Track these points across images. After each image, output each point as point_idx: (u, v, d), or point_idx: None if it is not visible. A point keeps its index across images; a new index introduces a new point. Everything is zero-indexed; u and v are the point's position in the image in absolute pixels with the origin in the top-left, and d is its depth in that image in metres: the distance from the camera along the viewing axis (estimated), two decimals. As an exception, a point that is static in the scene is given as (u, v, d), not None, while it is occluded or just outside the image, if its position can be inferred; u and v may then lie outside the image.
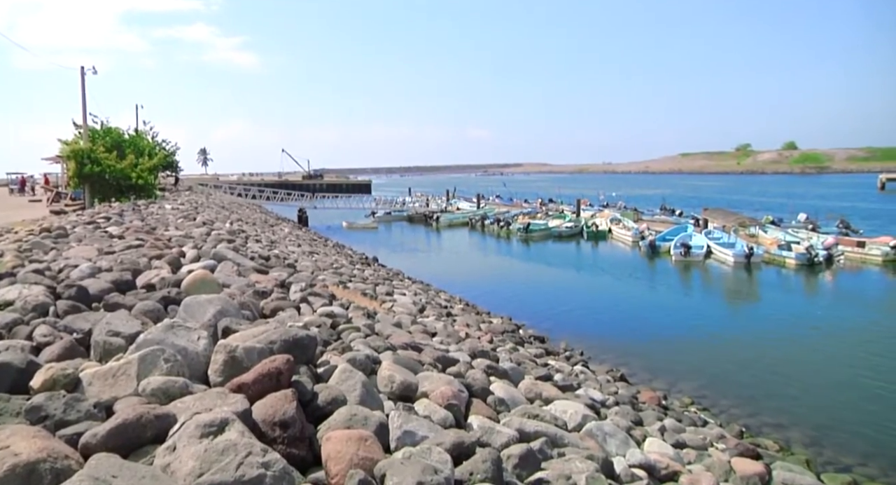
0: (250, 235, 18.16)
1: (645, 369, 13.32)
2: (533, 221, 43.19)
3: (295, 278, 9.71)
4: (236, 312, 5.26)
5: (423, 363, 5.76)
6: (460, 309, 15.78)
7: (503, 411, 5.27)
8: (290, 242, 21.57)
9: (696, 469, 5.89)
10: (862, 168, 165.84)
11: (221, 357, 3.77)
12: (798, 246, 28.54)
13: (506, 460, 3.80)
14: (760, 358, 14.35)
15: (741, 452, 7.54)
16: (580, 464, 4.12)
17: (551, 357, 11.69)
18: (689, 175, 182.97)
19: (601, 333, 16.51)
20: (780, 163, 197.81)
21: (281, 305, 6.73)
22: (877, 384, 12.41)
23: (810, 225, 36.26)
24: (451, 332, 9.66)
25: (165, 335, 3.98)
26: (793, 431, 10.19)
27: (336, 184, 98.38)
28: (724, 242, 30.89)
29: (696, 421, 9.58)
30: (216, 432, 2.70)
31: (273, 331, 4.26)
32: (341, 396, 3.83)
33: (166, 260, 8.02)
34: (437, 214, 51.51)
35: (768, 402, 11.46)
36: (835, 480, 8.17)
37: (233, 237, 14.21)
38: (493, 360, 7.60)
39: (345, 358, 4.71)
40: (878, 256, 27.41)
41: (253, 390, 3.39)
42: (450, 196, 67.05)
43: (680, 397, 11.56)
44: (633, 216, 44.90)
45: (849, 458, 9.15)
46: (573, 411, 5.84)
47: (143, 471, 2.37)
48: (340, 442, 3.15)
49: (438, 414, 4.28)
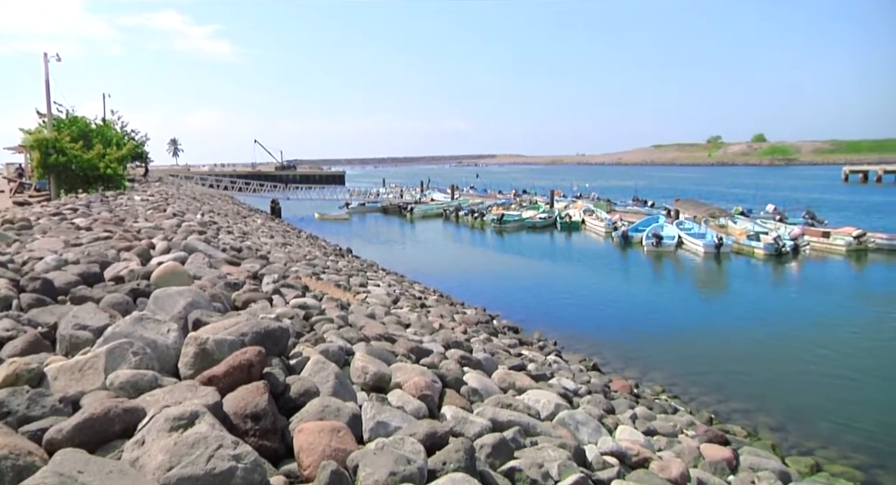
0: (222, 226, 17.94)
1: (617, 359, 13.48)
2: (507, 212, 43.33)
3: (267, 270, 9.62)
4: (207, 305, 5.20)
5: (397, 354, 5.76)
6: (434, 300, 15.79)
7: (476, 401, 5.30)
8: (262, 234, 21.36)
9: (666, 456, 5.99)
10: (827, 160, 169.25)
11: (192, 350, 3.72)
12: (766, 236, 29.06)
13: (479, 450, 3.82)
14: (730, 347, 14.62)
15: (710, 438, 7.70)
16: (553, 452, 4.16)
17: (525, 347, 11.77)
18: (662, 167, 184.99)
19: (574, 323, 16.65)
20: (749, 155, 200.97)
21: (253, 297, 6.66)
22: (840, 371, 12.73)
23: (778, 216, 36.94)
24: (424, 323, 9.67)
25: (134, 328, 3.91)
26: (760, 417, 10.41)
27: (309, 175, 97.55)
28: (694, 232, 31.32)
29: (666, 409, 9.73)
30: (186, 425, 2.67)
31: (245, 323, 4.22)
32: (314, 387, 3.81)
33: (135, 252, 7.88)
34: (411, 206, 51.33)
35: (737, 389, 11.69)
36: (798, 462, 8.38)
37: (204, 229, 14.02)
38: (467, 350, 7.63)
39: (318, 350, 4.69)
40: (842, 246, 28.08)
41: (224, 383, 3.36)
42: (424, 187, 66.90)
43: (651, 386, 11.73)
44: (606, 207, 45.31)
45: (812, 442, 9.40)
46: (546, 400, 5.89)
47: (110, 466, 2.33)
48: (313, 434, 3.14)
49: (412, 405, 4.28)
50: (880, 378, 12.34)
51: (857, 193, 66.22)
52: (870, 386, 11.90)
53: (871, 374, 12.58)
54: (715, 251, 27.74)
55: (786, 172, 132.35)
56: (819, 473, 8.19)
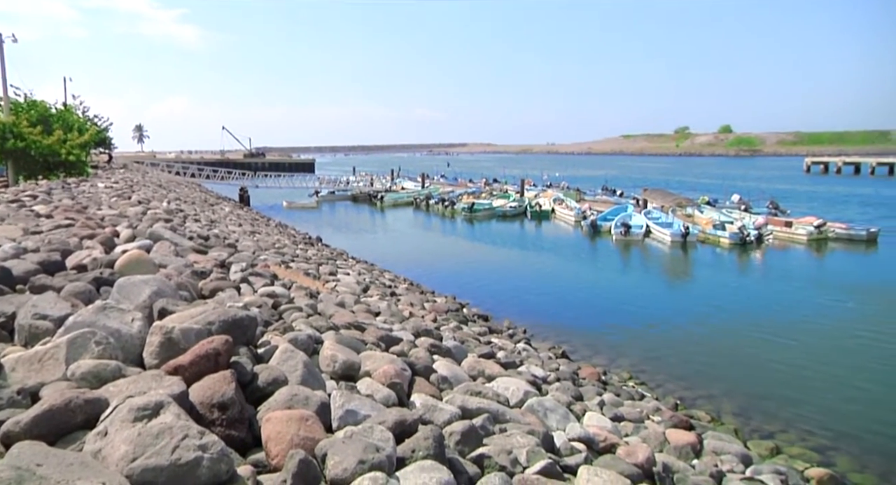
0: (189, 214, 17.64)
1: (586, 346, 13.65)
2: (477, 201, 43.43)
3: (235, 258, 9.49)
4: (173, 293, 5.11)
5: (367, 343, 5.74)
6: (404, 288, 15.77)
7: (446, 389, 5.31)
8: (230, 222, 21.06)
9: (632, 441, 6.08)
10: (790, 151, 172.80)
11: (157, 339, 3.66)
12: (731, 226, 29.62)
13: (448, 437, 3.83)
14: (695, 334, 14.90)
15: (675, 423, 7.85)
16: (521, 439, 4.20)
17: (495, 335, 11.84)
18: (631, 156, 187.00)
19: (544, 312, 16.80)
20: (716, 145, 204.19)
21: (220, 286, 6.57)
22: (798, 357, 13.07)
23: (743, 206, 37.66)
24: (394, 311, 9.66)
25: (97, 317, 3.83)
26: (723, 402, 10.66)
27: (278, 163, 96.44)
28: (662, 221, 31.78)
29: (633, 395, 9.89)
30: (151, 415, 2.63)
31: (211, 312, 4.17)
32: (282, 376, 3.78)
33: (99, 240, 7.71)
34: (381, 194, 51.11)
35: (702, 376, 11.93)
36: (759, 446, 8.63)
37: (170, 217, 13.77)
38: (437, 338, 7.64)
39: (286, 338, 4.65)
40: (804, 236, 28.79)
41: (190, 372, 3.32)
42: (394, 176, 66.68)
43: (619, 373, 11.90)
44: (576, 196, 45.68)
45: (772, 425, 9.67)
46: (515, 387, 5.93)
47: (70, 458, 2.28)
48: (281, 422, 3.11)
49: (381, 393, 4.28)
50: (836, 364, 12.71)
51: (818, 184, 67.84)
52: (826, 372, 12.24)
53: (828, 360, 12.96)
54: (682, 240, 28.21)
55: (751, 162, 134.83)
56: (778, 455, 8.44)
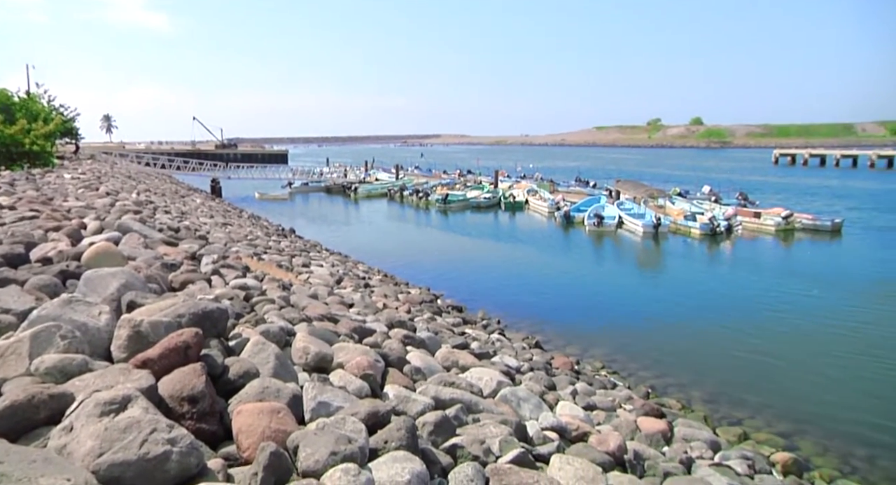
0: (159, 206, 17.36)
1: (559, 336, 13.77)
2: (451, 192, 43.44)
3: (206, 250, 9.39)
4: (142, 286, 5.04)
5: (340, 334, 5.72)
6: (378, 280, 15.74)
7: (419, 380, 5.32)
8: (201, 214, 20.77)
9: (604, 429, 6.16)
10: (759, 143, 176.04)
11: (125, 332, 3.60)
12: (702, 217, 30.08)
13: (421, 428, 3.84)
14: (667, 323, 15.12)
15: (647, 411, 7.97)
16: (494, 429, 4.23)
17: (468, 326, 11.88)
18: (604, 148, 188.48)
19: (518, 302, 16.90)
20: (687, 137, 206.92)
21: (191, 278, 6.49)
22: (765, 345, 13.35)
23: (713, 197, 38.20)
24: (368, 303, 9.64)
25: (62, 311, 3.75)
26: (693, 390, 10.85)
27: (251, 154, 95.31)
28: (634, 212, 32.10)
29: (606, 384, 10.01)
30: (118, 409, 2.58)
31: (182, 304, 4.11)
32: (253, 368, 3.75)
33: (65, 232, 7.55)
34: (355, 185, 50.82)
35: (673, 364, 12.12)
36: (728, 432, 8.83)
37: (140, 208, 13.55)
38: (411, 330, 7.64)
39: (258, 330, 4.61)
40: (772, 226, 29.37)
41: (159, 366, 3.27)
42: (368, 167, 66.35)
43: (592, 362, 12.04)
44: (550, 188, 45.93)
45: (740, 412, 9.88)
46: (488, 377, 5.97)
47: (34, 454, 2.23)
48: (252, 415, 3.09)
49: (354, 384, 4.27)
50: (801, 352, 13.00)
51: (786, 176, 69.20)
52: (791, 359, 12.52)
53: (793, 348, 13.25)
54: (653, 231, 28.55)
55: (721, 154, 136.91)
56: (746, 441, 8.64)
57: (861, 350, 12.92)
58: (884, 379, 11.35)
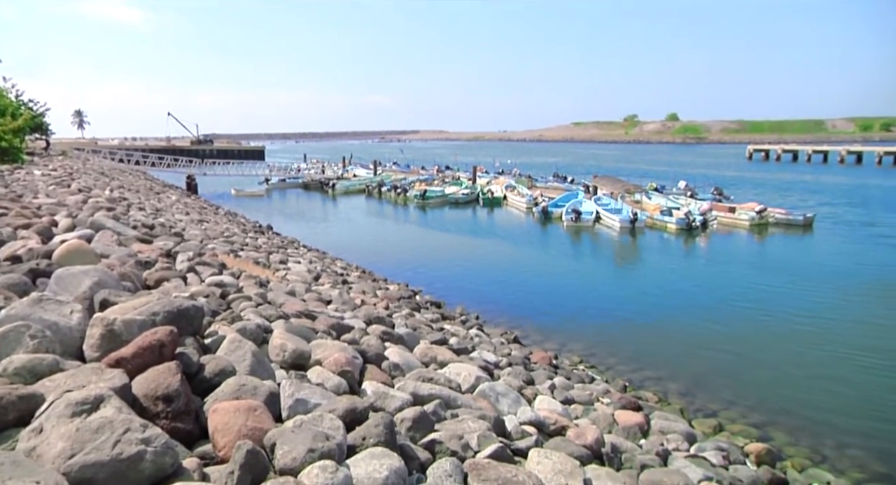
0: (133, 202, 17.11)
1: (538, 331, 13.84)
2: (430, 188, 43.40)
3: (182, 247, 9.27)
4: (116, 284, 4.96)
5: (317, 331, 5.70)
6: (357, 276, 15.68)
7: (398, 376, 5.32)
8: (177, 211, 20.51)
9: (582, 423, 6.22)
10: (734, 139, 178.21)
11: (98, 331, 3.54)
12: (678, 212, 30.40)
13: (399, 424, 3.84)
14: (644, 317, 15.27)
15: (624, 405, 8.06)
16: (472, 424, 4.24)
17: (447, 322, 11.89)
18: (581, 143, 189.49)
19: (497, 298, 16.95)
20: (663, 133, 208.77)
21: (166, 276, 6.40)
22: (739, 338, 13.57)
23: (689, 192, 38.64)
24: (346, 299, 9.60)
25: (32, 310, 3.68)
26: (670, 383, 10.98)
27: (227, 150, 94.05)
28: (611, 208, 32.36)
29: (584, 378, 10.10)
30: (90, 409, 2.54)
31: (156, 302, 4.06)
32: (230, 366, 3.72)
33: (35, 230, 7.41)
34: (333, 182, 50.50)
35: (650, 358, 12.25)
36: (703, 424, 8.96)
37: (113, 205, 13.33)
38: (389, 326, 7.63)
39: (234, 328, 4.57)
40: (746, 221, 29.80)
41: (133, 364, 3.23)
42: (346, 163, 66.03)
43: (570, 357, 12.13)
44: (527, 183, 46.15)
45: (715, 404, 10.03)
46: (467, 373, 5.98)
47: (2, 457, 2.19)
48: (228, 413, 3.06)
49: (332, 381, 4.25)
50: (774, 344, 13.22)
51: (759, 171, 70.17)
52: (765, 352, 12.73)
53: (767, 341, 13.46)
54: (630, 226, 28.80)
55: (697, 149, 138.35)
56: (721, 432, 8.77)
57: (831, 343, 13.17)
58: (852, 371, 11.59)
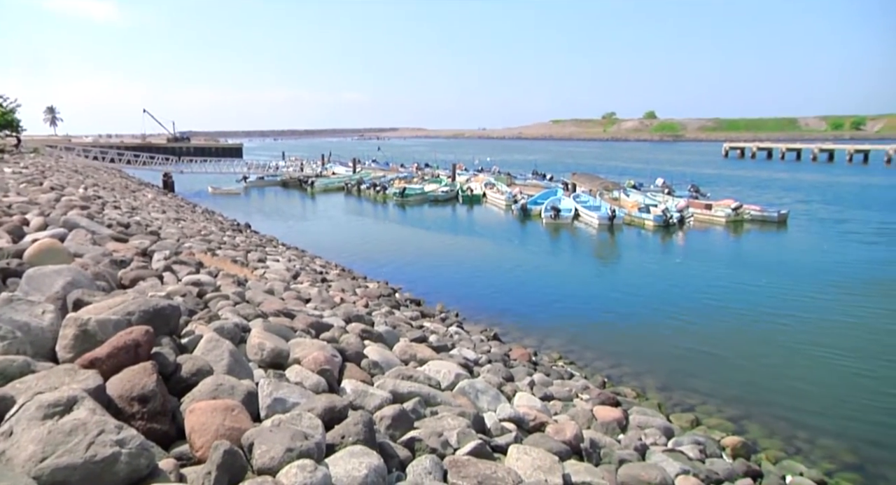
0: (108, 201, 16.84)
1: (517, 328, 13.90)
2: (409, 186, 43.37)
3: (158, 246, 9.15)
4: (90, 283, 4.88)
5: (296, 330, 5.66)
6: (336, 274, 15.61)
7: (377, 374, 5.30)
8: (153, 209, 20.24)
9: (561, 419, 6.25)
10: (710, 137, 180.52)
11: (71, 332, 3.48)
12: (655, 209, 30.71)
13: (379, 422, 3.84)
14: (622, 313, 15.41)
15: (602, 400, 8.12)
16: (452, 421, 4.24)
17: (427, 319, 11.89)
18: (560, 141, 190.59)
19: (476, 295, 16.99)
20: (641, 131, 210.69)
21: (142, 275, 6.32)
22: (717, 332, 13.76)
23: (666, 189, 39.03)
24: (325, 297, 9.55)
25: (2, 310, 3.60)
26: (648, 378, 11.09)
27: (204, 147, 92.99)
28: (590, 205, 32.58)
29: (563, 374, 10.16)
30: (63, 411, 2.50)
31: (132, 302, 4.00)
32: (207, 366, 3.68)
33: (5, 229, 7.25)
34: (312, 179, 50.22)
35: (628, 353, 12.36)
36: (680, 418, 9.07)
37: (87, 204, 13.11)
38: (368, 324, 7.61)
39: (212, 327, 4.52)
40: (722, 217, 30.21)
41: (107, 365, 3.17)
42: (325, 160, 65.65)
43: (549, 353, 12.19)
44: (507, 181, 46.30)
45: (692, 399, 10.16)
46: (447, 370, 5.98)
47: (-29, 460, 2.15)
48: (205, 413, 3.03)
49: (311, 380, 4.23)
50: (748, 339, 13.43)
51: (736, 168, 71.12)
52: (739, 346, 12.92)
53: (741, 335, 13.68)
54: (609, 223, 29.04)
55: (674, 147, 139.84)
56: (698, 426, 8.88)
57: (804, 338, 13.40)
58: (823, 366, 11.80)
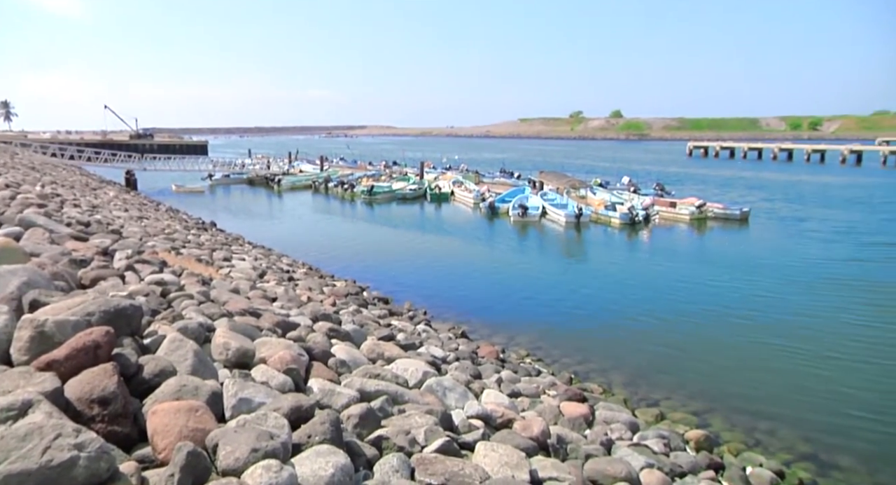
0: (67, 199, 16.42)
1: (485, 326, 13.95)
2: (377, 184, 43.21)
3: (120, 245, 8.96)
4: (47, 284, 4.75)
5: (262, 329, 5.60)
6: (303, 273, 15.49)
7: (345, 373, 5.28)
8: (115, 207, 19.80)
9: (528, 415, 6.30)
10: (675, 136, 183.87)
11: (27, 333, 3.39)
12: (621, 206, 31.11)
13: (346, 421, 3.82)
14: (589, 310, 15.58)
15: (569, 396, 8.20)
16: (420, 419, 4.25)
17: (395, 317, 11.87)
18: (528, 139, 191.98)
19: (444, 293, 17.00)
20: (608, 130, 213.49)
21: (102, 275, 6.18)
22: (680, 327, 13.99)
23: (632, 187, 39.55)
24: (292, 296, 9.47)
25: (-47, 312, 3.50)
26: (615, 374, 11.24)
27: (168, 144, 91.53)
28: (557, 203, 32.85)
29: (530, 371, 10.24)
30: (17, 415, 2.43)
31: (91, 302, 3.91)
32: (170, 366, 3.62)
33: (-43, 228, 7.04)
34: (278, 177, 49.65)
35: (594, 349, 12.51)
36: (646, 413, 9.21)
37: (45, 202, 12.76)
38: (336, 322, 7.57)
39: (175, 327, 4.46)
40: (686, 215, 30.76)
41: (66, 367, 3.10)
42: (292, 158, 65.02)
43: (517, 350, 12.27)
44: (475, 179, 46.44)
45: (657, 394, 10.33)
46: (414, 368, 5.99)
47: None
48: (168, 415, 2.99)
49: (277, 379, 4.19)
50: (711, 333, 13.69)
51: (700, 167, 72.52)
52: (704, 342, 13.17)
53: (704, 330, 13.93)
54: (575, 221, 29.35)
55: (640, 146, 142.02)
56: (663, 421, 9.03)
57: (764, 333, 13.71)
58: (783, 360, 12.09)
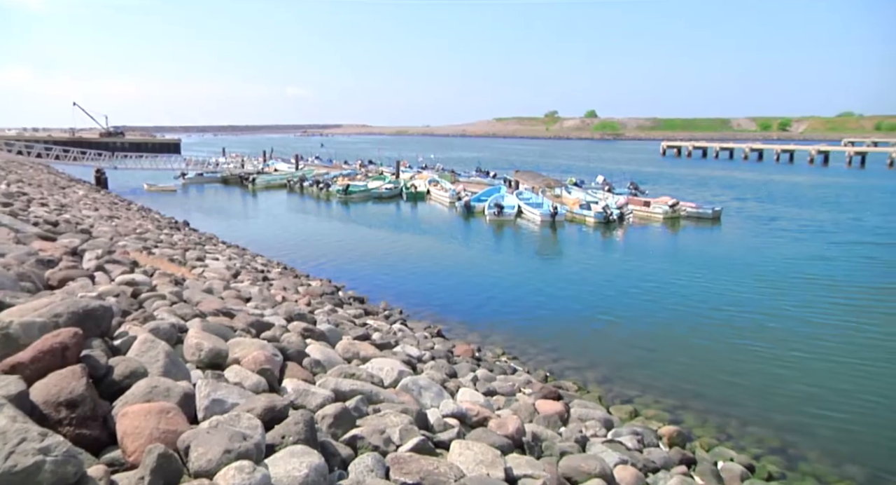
0: (34, 198, 16.10)
1: (461, 324, 13.98)
2: (353, 183, 43.07)
3: (90, 245, 8.80)
4: (13, 285, 4.68)
5: (236, 329, 5.55)
6: (278, 273, 15.37)
7: (319, 373, 5.25)
8: (84, 206, 19.45)
9: (504, 413, 6.33)
10: (649, 135, 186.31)
11: (-9, 335, 3.32)
12: (596, 206, 31.40)
13: (320, 421, 3.81)
14: (564, 308, 15.69)
15: (545, 394, 8.25)
16: (395, 418, 4.24)
17: (370, 317, 11.83)
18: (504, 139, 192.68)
19: (420, 292, 17.00)
20: (582, 129, 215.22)
21: (71, 275, 6.07)
22: (654, 324, 14.17)
23: (607, 186, 39.92)
24: (266, 296, 9.39)
25: (-85, 314, 3.42)
26: (589, 372, 11.34)
27: (140, 143, 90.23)
28: (532, 202, 33.03)
29: (506, 370, 10.28)
30: (-20, 419, 2.38)
31: (59, 303, 3.84)
32: (141, 368, 3.57)
33: (-80, 228, 6.86)
34: (253, 176, 49.21)
35: (569, 347, 12.61)
36: (620, 410, 9.32)
37: (10, 201, 12.53)
38: (311, 322, 7.53)
39: (146, 328, 4.39)
40: (660, 214, 31.14)
41: (31, 370, 3.04)
42: (267, 157, 64.55)
43: (493, 349, 12.31)
44: (451, 178, 46.52)
45: (631, 391, 10.45)
46: (389, 367, 5.98)
47: None
48: (138, 417, 2.95)
49: (250, 380, 4.16)
50: (683, 330, 13.87)
51: (673, 166, 73.50)
52: (677, 339, 13.35)
53: (677, 327, 14.12)
54: (551, 220, 29.56)
55: (614, 145, 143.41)
56: (636, 417, 9.14)
57: (735, 330, 13.94)
58: (753, 357, 12.30)
